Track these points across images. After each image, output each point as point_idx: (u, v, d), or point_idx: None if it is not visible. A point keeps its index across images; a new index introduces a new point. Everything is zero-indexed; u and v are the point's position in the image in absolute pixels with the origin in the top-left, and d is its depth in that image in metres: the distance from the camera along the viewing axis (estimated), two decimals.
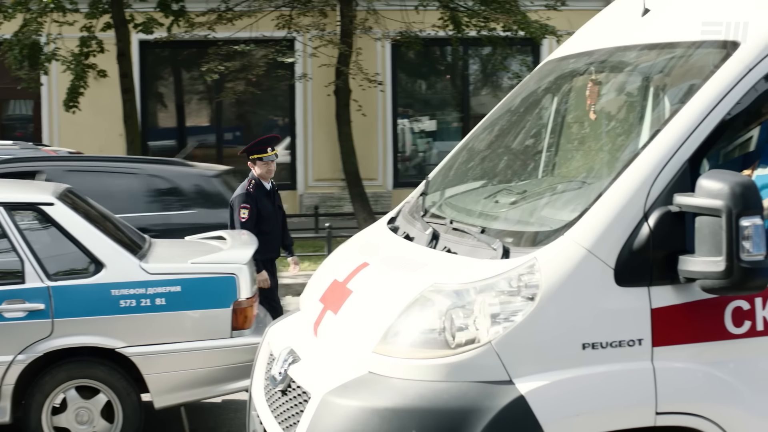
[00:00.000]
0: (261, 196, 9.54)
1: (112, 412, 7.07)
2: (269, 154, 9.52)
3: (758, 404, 4.26)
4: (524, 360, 4.12)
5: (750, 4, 4.58)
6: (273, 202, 9.70)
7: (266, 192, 9.61)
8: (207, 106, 22.78)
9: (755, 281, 4.01)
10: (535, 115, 5.80)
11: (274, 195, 9.78)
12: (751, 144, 5.34)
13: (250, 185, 9.50)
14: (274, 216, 9.65)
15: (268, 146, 9.56)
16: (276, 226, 9.71)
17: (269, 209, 9.59)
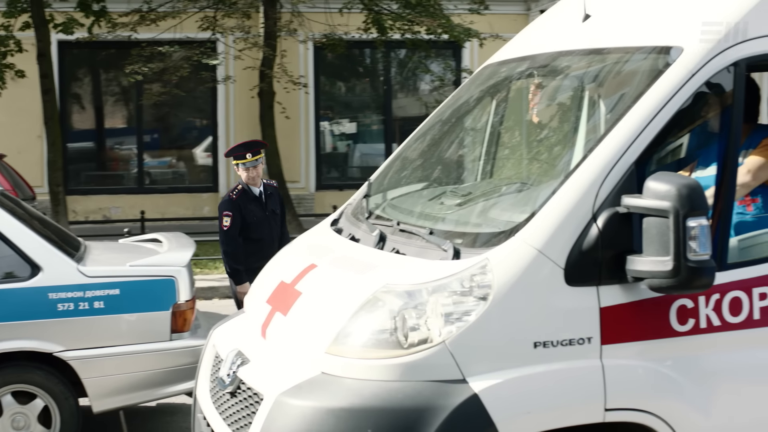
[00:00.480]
0: (246, 202, 9.02)
1: (49, 417, 6.99)
2: (248, 160, 9.01)
3: (701, 400, 4.38)
4: (477, 359, 4.19)
5: (691, 10, 4.71)
6: (264, 207, 9.12)
7: (253, 198, 9.06)
8: (127, 107, 22.53)
9: (701, 280, 4.13)
10: (478, 117, 5.88)
11: (267, 200, 9.18)
12: (685, 148, 5.51)
13: (234, 191, 9.08)
14: (266, 222, 9.07)
15: (248, 151, 9.04)
16: (269, 233, 9.11)
17: (257, 215, 9.04)
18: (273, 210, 9.18)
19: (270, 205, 9.17)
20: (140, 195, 21.05)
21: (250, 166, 9.00)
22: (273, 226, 9.15)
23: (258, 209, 9.06)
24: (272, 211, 9.16)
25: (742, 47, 4.52)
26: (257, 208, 9.06)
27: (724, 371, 4.44)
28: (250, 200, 9.02)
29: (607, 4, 5.30)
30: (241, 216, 8.91)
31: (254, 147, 9.15)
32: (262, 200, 9.11)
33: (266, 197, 9.16)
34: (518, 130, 5.80)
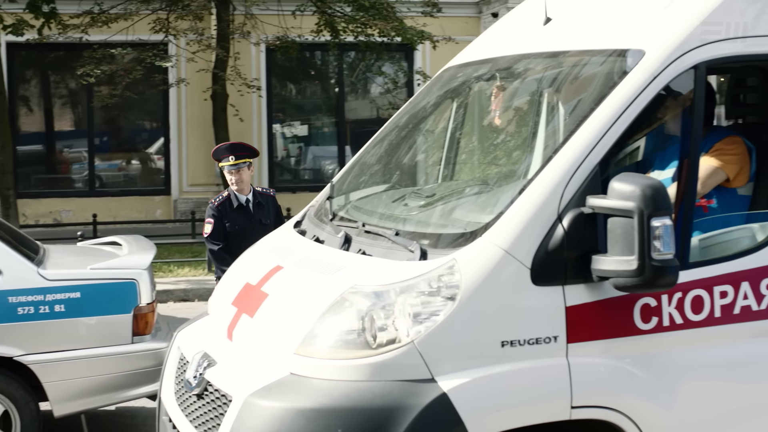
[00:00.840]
0: (229, 209, 8.45)
1: (9, 422, 6.92)
2: (231, 163, 8.39)
3: (665, 396, 4.46)
4: (446, 358, 4.23)
5: (653, 13, 4.79)
6: (250, 217, 8.48)
7: (238, 206, 8.45)
8: (77, 110, 22.36)
9: (665, 279, 4.21)
10: (439, 120, 5.94)
11: (255, 209, 8.53)
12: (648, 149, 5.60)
13: (217, 197, 8.57)
14: (251, 233, 7.91)
15: (232, 153, 8.44)
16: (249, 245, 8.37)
17: (240, 225, 8.41)
18: (261, 220, 8.47)
19: (258, 215, 8.52)
20: (91, 198, 20.90)
21: (232, 169, 8.41)
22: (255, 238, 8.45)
23: (242, 218, 8.45)
24: (260, 221, 8.45)
25: (703, 50, 4.60)
26: (241, 217, 8.46)
27: (687, 368, 4.53)
28: (233, 208, 8.46)
29: (568, 7, 5.38)
30: (222, 224, 8.42)
31: (239, 150, 8.55)
32: (248, 209, 8.50)
33: (254, 206, 8.54)
34: (479, 132, 5.86)
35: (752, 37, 4.75)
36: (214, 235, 8.40)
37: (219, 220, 8.38)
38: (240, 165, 8.42)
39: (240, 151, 8.50)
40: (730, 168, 5.07)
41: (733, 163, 5.09)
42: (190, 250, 16.71)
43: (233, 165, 8.40)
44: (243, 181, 8.44)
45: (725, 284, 4.58)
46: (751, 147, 5.18)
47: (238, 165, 8.42)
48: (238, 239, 8.13)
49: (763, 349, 4.67)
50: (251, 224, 8.37)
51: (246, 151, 8.54)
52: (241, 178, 8.43)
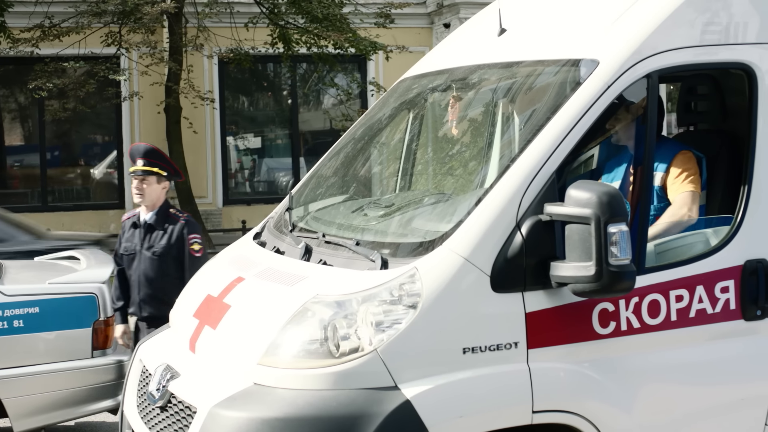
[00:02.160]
0: (127, 227, 7.21)
1: None
2: (137, 168, 7.04)
3: (624, 399, 4.54)
4: (409, 366, 4.28)
5: (606, 24, 4.88)
6: (137, 241, 7.10)
7: (134, 224, 7.17)
8: (29, 124, 22.19)
9: (622, 284, 4.29)
10: (396, 130, 5.99)
11: (145, 233, 7.08)
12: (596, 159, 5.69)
13: (129, 213, 7.32)
14: (134, 262, 7.08)
15: (142, 157, 7.04)
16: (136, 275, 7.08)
17: (127, 247, 7.16)
18: (148, 249, 7.03)
19: (147, 242, 7.05)
20: (44, 213, 20.70)
21: (136, 176, 7.03)
22: (141, 268, 7.05)
23: (131, 241, 7.14)
24: (148, 249, 7.03)
25: (655, 59, 4.70)
26: (131, 239, 7.15)
27: (646, 371, 4.61)
28: (130, 225, 7.19)
29: (522, 18, 5.46)
30: (120, 244, 7.23)
31: (153, 156, 7.07)
32: (142, 231, 7.08)
33: (146, 229, 7.07)
34: (437, 142, 5.92)
35: (703, 47, 4.85)
36: (116, 254, 7.32)
37: (119, 240, 7.26)
38: (147, 173, 7.00)
39: (153, 158, 7.05)
40: (697, 186, 5.17)
41: (698, 181, 5.18)
42: None
43: (139, 171, 7.02)
44: (145, 195, 7.00)
45: (681, 288, 4.67)
46: (700, 156, 5.28)
47: (144, 172, 7.01)
48: (127, 266, 7.14)
49: (718, 352, 4.77)
50: (135, 252, 7.08)
51: (160, 161, 7.10)
52: (143, 190, 7.00)
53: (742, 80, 4.95)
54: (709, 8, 4.90)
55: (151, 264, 6.96)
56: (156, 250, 6.97)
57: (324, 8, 17.01)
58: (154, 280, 6.95)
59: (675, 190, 5.15)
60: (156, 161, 7.05)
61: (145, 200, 7.02)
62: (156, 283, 6.93)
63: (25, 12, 17.80)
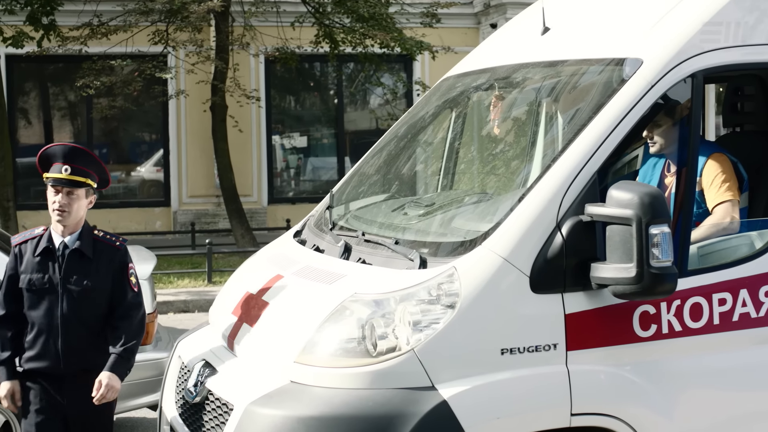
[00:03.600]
0: (30, 253, 5.21)
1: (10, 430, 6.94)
2: (60, 176, 5.10)
3: (664, 403, 4.48)
4: (446, 366, 4.26)
5: (651, 22, 4.82)
6: (52, 272, 5.15)
7: (45, 250, 5.17)
8: (77, 122, 22.39)
9: (664, 286, 4.23)
10: (438, 129, 5.97)
11: (67, 261, 5.16)
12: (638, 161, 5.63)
13: (25, 233, 5.32)
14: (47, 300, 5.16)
15: (66, 162, 5.11)
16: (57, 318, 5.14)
17: (36, 283, 5.16)
18: (70, 282, 5.15)
19: (71, 273, 5.16)
20: (91, 209, 20.83)
21: (59, 186, 5.10)
22: (64, 308, 5.15)
23: (40, 272, 5.17)
24: (67, 283, 5.15)
25: (700, 59, 4.64)
26: (41, 269, 5.17)
27: (686, 375, 4.55)
28: (36, 252, 5.20)
29: (566, 16, 5.41)
30: (17, 275, 5.22)
31: (80, 160, 5.16)
32: (56, 259, 5.16)
33: (70, 257, 5.17)
34: (479, 141, 5.88)
35: (750, 46, 4.78)
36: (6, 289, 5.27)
37: (13, 266, 5.24)
38: (75, 184, 5.11)
39: (81, 163, 5.16)
40: (735, 192, 5.08)
41: (734, 186, 5.09)
42: (189, 262, 16.72)
43: (64, 180, 5.10)
44: (71, 211, 5.13)
45: (724, 291, 4.60)
46: (735, 161, 5.19)
47: (71, 182, 5.11)
48: (32, 304, 5.18)
49: (762, 357, 4.69)
50: (52, 286, 5.14)
51: (90, 166, 5.21)
52: (71, 205, 5.12)
53: None
54: (756, 7, 4.83)
55: (81, 303, 5.14)
56: (89, 285, 5.14)
57: (370, 7, 16.99)
58: (87, 323, 5.18)
59: (713, 199, 5.06)
60: (85, 168, 5.16)
61: (70, 219, 5.12)
62: (90, 328, 5.18)
63: (74, 10, 17.96)
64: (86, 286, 5.16)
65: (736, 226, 4.93)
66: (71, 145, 5.28)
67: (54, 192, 5.14)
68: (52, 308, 5.16)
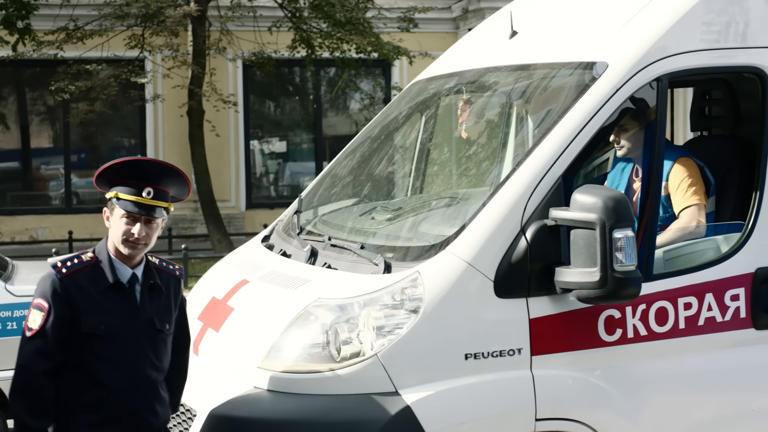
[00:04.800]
0: (92, 288, 4.06)
1: None
2: (141, 200, 4.06)
3: (630, 408, 4.47)
4: (409, 371, 4.23)
5: (617, 26, 4.81)
6: (133, 309, 4.11)
7: (115, 284, 4.08)
8: (54, 127, 22.28)
9: (627, 290, 4.22)
10: (407, 133, 5.94)
11: (143, 296, 4.14)
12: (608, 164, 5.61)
13: (67, 259, 4.15)
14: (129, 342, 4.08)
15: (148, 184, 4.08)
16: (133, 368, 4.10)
17: (115, 323, 4.06)
18: (153, 321, 4.15)
19: (151, 310, 4.16)
20: (68, 215, 20.78)
21: (139, 213, 4.05)
22: (144, 355, 4.13)
23: (119, 311, 4.09)
24: (151, 323, 4.14)
25: (666, 62, 4.63)
26: (117, 307, 4.09)
27: (652, 380, 4.54)
28: (102, 287, 4.08)
29: (533, 20, 5.40)
30: (71, 316, 4.03)
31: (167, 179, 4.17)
32: (133, 294, 4.14)
33: (145, 291, 4.16)
34: (447, 145, 5.87)
35: (714, 50, 4.77)
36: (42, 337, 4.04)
37: (62, 304, 4.04)
38: (158, 211, 4.10)
39: (165, 185, 4.16)
40: (701, 196, 5.04)
41: (701, 190, 5.06)
42: None
43: (145, 207, 4.07)
44: (150, 243, 4.12)
45: (689, 296, 4.60)
46: (701, 165, 5.17)
47: (154, 210, 4.09)
48: (97, 356, 4.06)
49: (728, 361, 4.69)
50: (134, 325, 4.10)
51: (174, 187, 4.22)
52: (150, 236, 4.09)
53: (756, 85, 4.87)
54: (722, 10, 4.82)
55: (159, 349, 4.19)
56: (169, 328, 4.22)
57: (347, 12, 16.98)
58: (163, 375, 4.23)
59: (679, 203, 5.03)
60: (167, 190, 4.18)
61: (139, 251, 4.11)
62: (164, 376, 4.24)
63: (50, 15, 17.86)
64: (167, 329, 4.19)
65: (702, 230, 4.92)
66: (158, 163, 4.26)
67: (129, 220, 4.04)
68: (129, 359, 4.06)
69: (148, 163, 4.26)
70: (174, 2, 16.42)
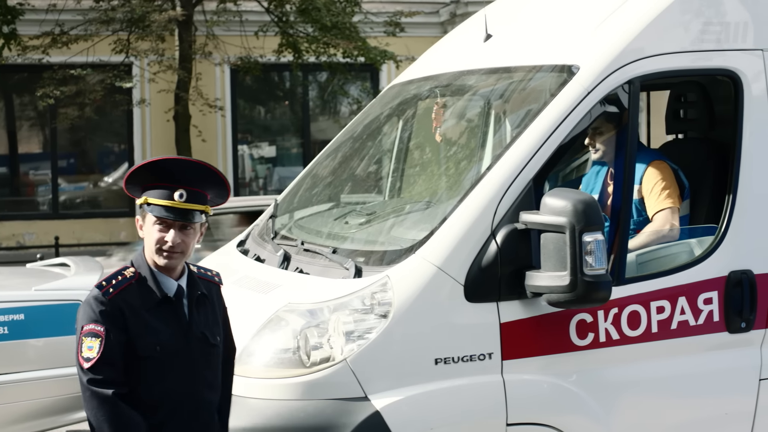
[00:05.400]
0: (140, 305, 3.69)
1: None
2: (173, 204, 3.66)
3: (602, 413, 4.44)
4: (379, 376, 4.20)
5: (589, 29, 4.79)
6: (183, 324, 3.74)
7: (164, 299, 3.72)
8: (41, 132, 22.21)
9: (598, 294, 4.19)
10: (382, 138, 5.91)
11: (192, 309, 3.78)
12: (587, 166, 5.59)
13: (111, 276, 3.76)
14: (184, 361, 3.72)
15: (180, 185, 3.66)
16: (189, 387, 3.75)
17: (168, 340, 3.70)
18: (206, 336, 3.79)
19: (200, 324, 3.79)
20: (55, 221, 20.71)
21: (174, 219, 3.65)
22: (201, 375, 3.78)
23: (169, 326, 3.73)
24: (203, 337, 3.78)
25: (638, 65, 4.60)
26: (166, 323, 3.73)
27: (625, 384, 4.52)
28: (151, 304, 3.72)
29: (508, 24, 5.38)
30: (126, 339, 3.65)
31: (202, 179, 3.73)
32: (181, 308, 3.77)
33: (193, 303, 3.79)
34: (423, 149, 5.84)
35: (687, 53, 4.75)
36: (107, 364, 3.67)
37: (117, 326, 3.67)
38: (193, 215, 3.70)
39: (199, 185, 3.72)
40: (675, 199, 5.02)
41: (675, 193, 5.03)
42: None
43: (178, 211, 3.67)
44: (187, 251, 3.73)
45: (662, 299, 4.57)
46: (675, 168, 5.14)
47: (188, 214, 3.68)
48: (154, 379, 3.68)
49: (701, 365, 4.67)
50: (187, 343, 3.74)
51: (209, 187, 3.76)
52: (186, 243, 3.70)
53: (729, 88, 4.85)
54: (697, 12, 4.81)
55: (211, 364, 3.84)
56: (220, 340, 3.88)
57: (333, 16, 16.94)
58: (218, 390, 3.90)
59: (653, 207, 5.00)
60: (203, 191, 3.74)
61: (178, 261, 3.73)
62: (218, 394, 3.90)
63: (36, 20, 17.82)
64: (219, 342, 3.85)
65: (675, 233, 4.90)
66: (190, 161, 3.78)
67: (162, 227, 3.66)
68: (186, 381, 3.72)
69: (180, 162, 3.76)
70: (159, 7, 16.36)
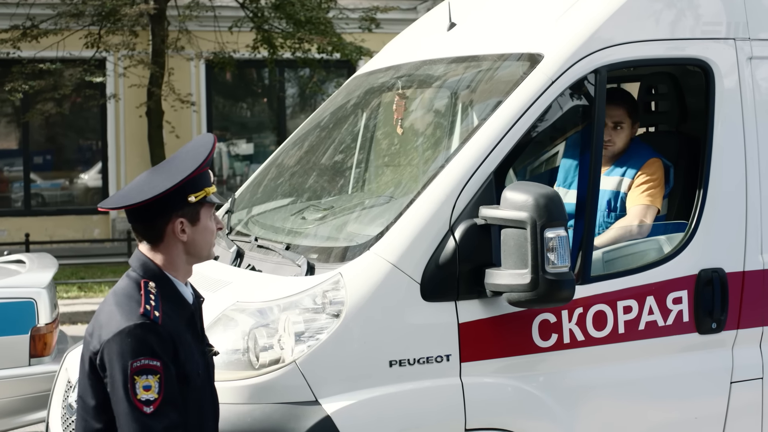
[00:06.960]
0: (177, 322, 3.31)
1: None
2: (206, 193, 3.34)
3: (565, 417, 4.25)
4: (330, 379, 4.00)
5: (553, 17, 4.60)
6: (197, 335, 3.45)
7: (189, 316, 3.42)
8: (13, 128, 21.93)
9: (560, 293, 3.98)
10: (344, 130, 5.70)
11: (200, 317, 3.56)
12: (557, 159, 5.40)
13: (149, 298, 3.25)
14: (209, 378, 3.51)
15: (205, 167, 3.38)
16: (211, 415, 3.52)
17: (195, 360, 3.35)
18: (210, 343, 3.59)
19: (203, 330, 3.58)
20: (27, 217, 20.47)
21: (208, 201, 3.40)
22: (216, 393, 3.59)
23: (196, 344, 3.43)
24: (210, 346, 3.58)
25: (604, 53, 4.41)
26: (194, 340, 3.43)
27: (590, 387, 4.33)
28: (184, 321, 3.39)
29: (473, 12, 5.19)
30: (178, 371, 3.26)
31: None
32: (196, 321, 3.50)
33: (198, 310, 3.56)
34: (386, 141, 5.64)
35: (656, 41, 4.56)
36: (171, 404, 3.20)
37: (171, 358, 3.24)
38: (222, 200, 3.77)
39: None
40: (658, 200, 4.84)
41: (659, 194, 4.85)
42: (124, 270, 16.34)
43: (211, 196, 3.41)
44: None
45: (629, 299, 4.38)
46: (669, 165, 4.96)
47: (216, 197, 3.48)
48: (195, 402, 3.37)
49: (670, 367, 4.48)
50: (203, 355, 3.47)
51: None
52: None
53: (701, 78, 4.67)
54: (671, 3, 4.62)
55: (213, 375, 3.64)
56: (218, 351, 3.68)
57: (308, 11, 16.74)
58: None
59: (632, 201, 4.84)
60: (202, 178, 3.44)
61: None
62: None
63: (6, 13, 17.57)
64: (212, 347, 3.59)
65: (645, 230, 4.71)
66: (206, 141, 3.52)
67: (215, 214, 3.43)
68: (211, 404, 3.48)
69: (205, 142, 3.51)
70: (131, 1, 16.11)
